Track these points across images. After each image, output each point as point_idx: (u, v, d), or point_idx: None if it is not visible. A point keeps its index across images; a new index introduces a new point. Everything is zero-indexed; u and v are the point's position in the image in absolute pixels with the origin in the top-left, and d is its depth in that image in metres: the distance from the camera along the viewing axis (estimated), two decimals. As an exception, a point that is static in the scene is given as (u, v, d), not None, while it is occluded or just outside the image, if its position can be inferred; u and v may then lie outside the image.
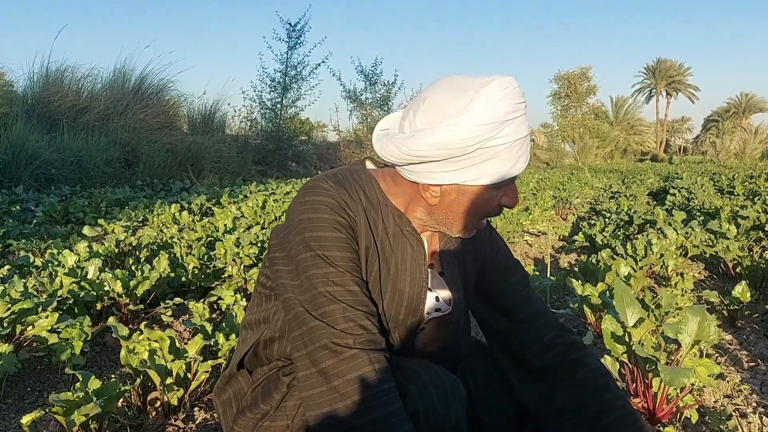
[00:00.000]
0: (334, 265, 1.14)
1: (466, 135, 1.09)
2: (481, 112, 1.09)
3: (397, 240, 1.25)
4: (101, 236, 5.04)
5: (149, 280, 2.80)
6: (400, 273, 1.25)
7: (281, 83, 16.51)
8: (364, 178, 1.26)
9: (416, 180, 1.20)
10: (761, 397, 2.19)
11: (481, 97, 1.09)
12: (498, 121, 1.09)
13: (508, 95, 1.11)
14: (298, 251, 1.16)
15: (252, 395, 1.31)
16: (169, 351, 1.92)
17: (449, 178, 1.15)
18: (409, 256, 1.26)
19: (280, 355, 1.30)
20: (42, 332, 2.24)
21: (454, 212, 1.21)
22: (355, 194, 1.21)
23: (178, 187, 9.55)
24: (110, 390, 1.71)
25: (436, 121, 1.12)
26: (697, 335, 1.76)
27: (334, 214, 1.16)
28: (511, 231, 5.99)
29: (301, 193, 1.21)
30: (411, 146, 1.13)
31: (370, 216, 1.22)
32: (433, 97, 1.14)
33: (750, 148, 27.01)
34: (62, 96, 10.76)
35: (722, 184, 10.85)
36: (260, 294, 1.34)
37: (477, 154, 1.12)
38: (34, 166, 8.69)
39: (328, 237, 1.15)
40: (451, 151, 1.11)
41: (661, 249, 3.84)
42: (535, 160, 33.39)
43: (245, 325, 1.38)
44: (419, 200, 1.24)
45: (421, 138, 1.12)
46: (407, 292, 1.26)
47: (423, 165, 1.16)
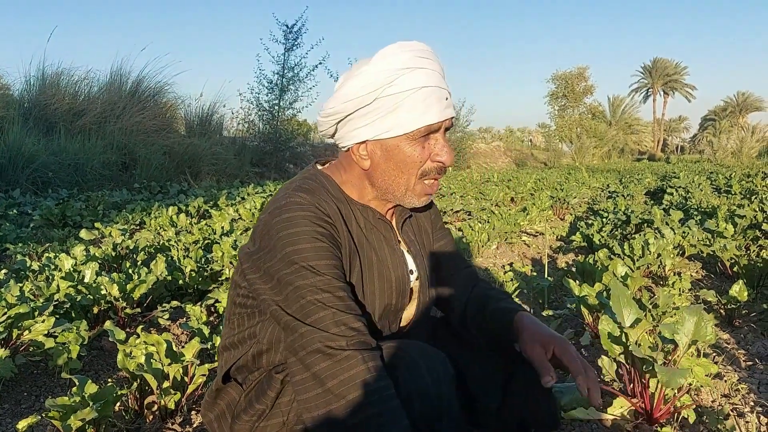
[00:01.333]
0: (320, 274, 1.15)
1: (364, 84, 1.19)
2: (378, 63, 1.20)
3: (370, 231, 1.31)
4: (98, 239, 5.04)
5: (146, 283, 2.80)
6: (383, 261, 1.30)
7: (278, 85, 16.49)
8: (324, 181, 1.31)
9: (346, 144, 1.28)
10: (759, 396, 2.19)
11: (379, 55, 1.21)
12: (392, 68, 1.19)
13: (405, 50, 1.21)
14: (279, 268, 1.17)
15: (246, 399, 1.31)
16: (165, 354, 1.92)
17: (366, 133, 1.23)
18: (384, 243, 1.33)
19: (269, 366, 1.31)
20: (38, 336, 2.23)
21: (389, 173, 1.27)
22: (326, 199, 1.25)
23: (175, 189, 9.54)
24: (107, 394, 1.71)
25: (344, 81, 1.25)
26: (694, 335, 1.76)
27: (313, 225, 1.18)
28: (509, 231, 5.99)
29: (275, 212, 1.21)
30: (326, 106, 1.25)
31: (344, 215, 1.27)
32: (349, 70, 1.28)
33: (747, 147, 27.04)
34: (59, 99, 10.74)
35: (719, 183, 10.86)
36: (239, 315, 1.35)
37: (379, 103, 1.20)
38: (31, 169, 8.67)
39: (310, 248, 1.16)
40: (354, 102, 1.20)
41: (658, 248, 3.84)
42: (532, 161, 33.42)
43: (226, 347, 1.38)
44: (362, 175, 1.31)
45: (334, 97, 1.24)
46: (394, 277, 1.31)
47: (342, 125, 1.26)
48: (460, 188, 11.44)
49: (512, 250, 5.63)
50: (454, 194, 9.91)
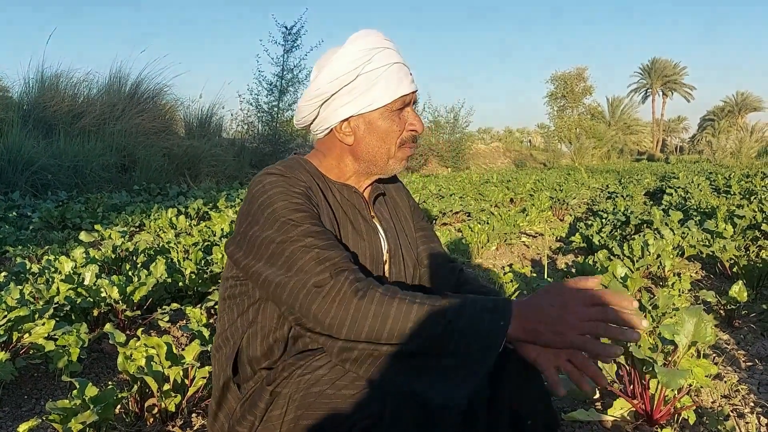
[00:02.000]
0: (300, 224, 1.22)
1: (346, 63, 1.31)
2: (352, 45, 1.32)
3: (346, 204, 1.40)
4: (98, 242, 5.03)
5: (146, 285, 2.80)
6: (359, 232, 1.38)
7: (278, 86, 16.51)
8: (301, 161, 1.41)
9: (329, 126, 1.37)
10: (759, 397, 2.19)
11: (350, 40, 1.34)
12: (367, 48, 1.32)
13: (371, 34, 1.35)
14: (262, 233, 1.23)
15: (241, 410, 1.31)
16: (166, 357, 1.92)
17: (350, 110, 1.34)
18: (359, 215, 1.41)
19: (263, 350, 1.31)
20: (39, 339, 2.23)
21: (372, 145, 1.38)
22: (302, 172, 1.35)
23: (175, 191, 9.54)
24: (107, 397, 1.71)
25: (320, 65, 1.36)
26: (693, 336, 1.76)
27: (288, 187, 1.28)
28: (509, 232, 5.99)
29: (252, 187, 1.30)
30: (310, 90, 1.35)
31: (321, 188, 1.37)
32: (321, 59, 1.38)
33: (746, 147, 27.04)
34: (58, 101, 10.74)
35: (719, 184, 10.86)
36: (229, 307, 1.37)
37: (361, 79, 1.32)
38: (31, 171, 8.67)
39: (286, 204, 1.24)
40: (340, 81, 1.31)
41: (657, 249, 3.84)
42: (532, 161, 33.43)
43: (219, 345, 1.39)
44: (344, 152, 1.40)
45: (316, 82, 1.34)
46: (368, 248, 1.38)
47: (326, 106, 1.35)
48: (460, 189, 11.44)
49: (512, 251, 5.63)
50: (454, 195, 9.91)
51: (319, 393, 1.17)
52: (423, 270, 1.57)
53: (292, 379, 1.23)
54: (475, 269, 4.69)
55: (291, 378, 1.24)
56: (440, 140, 25.84)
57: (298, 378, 1.22)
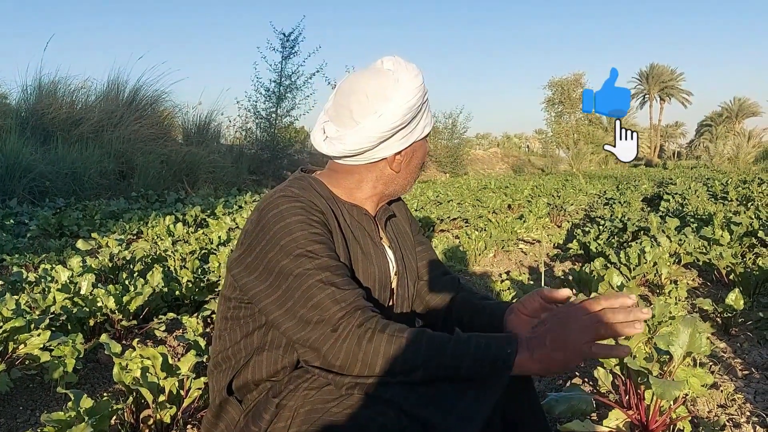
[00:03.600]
0: (318, 257, 1.21)
1: (406, 108, 1.31)
2: (410, 81, 1.32)
3: (356, 227, 1.39)
4: (95, 250, 5.02)
5: (142, 295, 2.79)
6: (367, 256, 1.37)
7: (276, 93, 16.53)
8: (312, 182, 1.38)
9: (380, 157, 1.37)
10: (755, 406, 2.19)
11: (401, 72, 1.33)
12: (421, 83, 1.35)
13: (410, 69, 1.35)
14: (278, 260, 1.21)
15: (244, 420, 1.31)
16: (161, 368, 1.92)
17: (406, 143, 1.37)
18: (368, 238, 1.40)
19: (269, 373, 1.31)
20: (34, 350, 2.23)
21: (410, 171, 1.45)
22: (315, 195, 1.33)
23: (173, 198, 9.53)
24: (102, 409, 1.70)
25: (374, 107, 1.30)
26: (688, 347, 1.76)
27: (306, 214, 1.26)
28: (506, 239, 6.00)
29: (266, 209, 1.28)
30: (365, 135, 1.31)
31: (333, 210, 1.35)
32: (359, 90, 1.32)
33: (743, 152, 27.11)
34: (56, 108, 10.73)
35: (716, 190, 10.88)
36: (231, 328, 1.37)
37: (416, 117, 1.36)
38: (28, 178, 8.66)
39: (305, 235, 1.23)
40: (410, 115, 1.32)
41: (654, 257, 3.84)
42: (530, 167, 33.46)
43: (218, 363, 1.39)
44: (371, 178, 1.41)
45: (370, 125, 1.30)
46: (376, 271, 1.38)
47: (381, 144, 1.34)
48: (458, 195, 11.45)
49: (509, 258, 5.63)
50: (452, 201, 9.92)
51: (324, 410, 1.17)
52: (422, 284, 1.59)
53: (298, 392, 1.24)
54: (472, 276, 4.69)
55: (297, 391, 1.24)
56: (438, 146, 25.88)
57: (304, 392, 1.23)
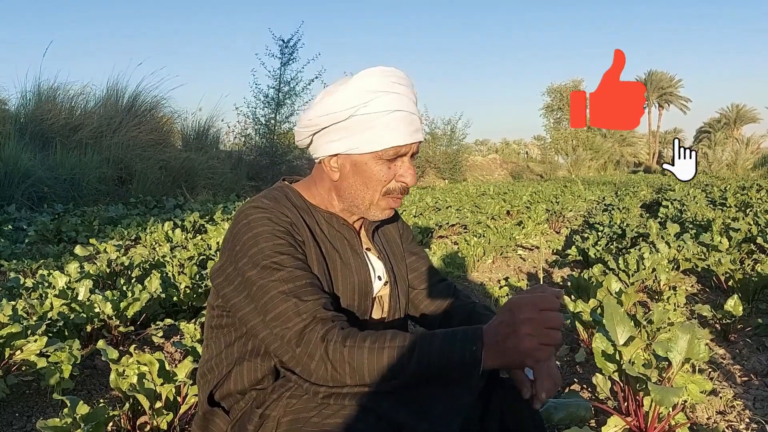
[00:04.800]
0: (282, 269, 1.21)
1: (341, 101, 1.27)
2: (355, 84, 1.28)
3: (333, 236, 1.38)
4: (93, 255, 5.02)
5: (140, 301, 2.78)
6: (345, 264, 1.36)
7: (275, 99, 16.55)
8: (288, 191, 1.39)
9: (318, 156, 1.36)
10: (754, 413, 2.18)
11: (359, 75, 1.29)
12: (368, 90, 1.27)
13: (381, 74, 1.29)
14: (246, 271, 1.23)
15: (231, 431, 1.31)
16: (158, 374, 1.91)
17: (338, 147, 1.31)
18: (348, 247, 1.38)
19: (251, 382, 1.32)
20: (31, 356, 2.22)
21: (356, 188, 1.35)
22: (288, 206, 1.33)
23: (171, 204, 9.53)
24: (99, 415, 1.69)
25: (324, 95, 1.32)
26: (687, 353, 1.76)
27: (273, 225, 1.26)
28: (505, 246, 5.99)
29: (237, 220, 1.29)
30: (304, 117, 1.34)
31: (306, 222, 1.34)
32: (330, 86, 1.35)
33: (742, 158, 27.15)
34: (55, 114, 10.74)
35: (714, 196, 10.88)
36: (216, 337, 1.38)
37: (354, 121, 1.28)
38: (27, 184, 8.66)
39: (270, 246, 1.23)
40: (331, 117, 1.28)
41: (653, 263, 3.84)
42: (529, 173, 33.49)
43: (204, 372, 1.39)
44: (330, 188, 1.39)
45: (312, 109, 1.32)
46: (356, 280, 1.36)
47: (318, 137, 1.34)
48: (456, 201, 11.45)
49: (508, 264, 5.63)
50: (450, 207, 9.92)
51: (305, 420, 1.18)
52: (416, 293, 1.58)
53: (281, 401, 1.24)
54: (470, 283, 4.69)
55: (280, 400, 1.25)
56: (437, 152, 25.89)
57: (286, 401, 1.24)
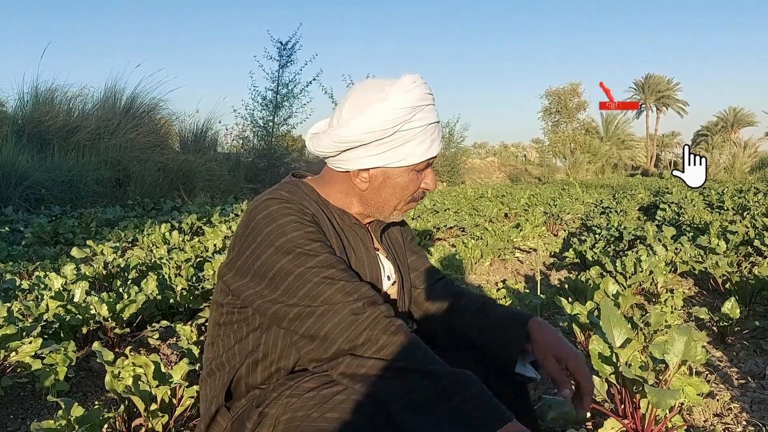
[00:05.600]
0: (318, 254, 1.21)
1: (387, 118, 1.26)
2: (397, 98, 1.26)
3: (347, 234, 1.38)
4: (90, 257, 5.00)
5: (136, 303, 2.77)
6: (358, 263, 1.36)
7: (273, 101, 16.54)
8: (303, 188, 1.37)
9: (347, 168, 1.34)
10: (751, 416, 2.18)
11: (395, 88, 1.27)
12: (411, 106, 1.27)
13: (416, 86, 1.29)
14: (274, 261, 1.21)
15: (231, 429, 1.30)
16: (153, 376, 1.90)
17: (375, 161, 1.31)
18: (361, 245, 1.39)
19: (263, 378, 1.31)
20: (26, 358, 2.21)
21: (383, 196, 1.36)
22: (307, 198, 1.33)
23: (169, 206, 9.51)
24: (93, 417, 1.68)
25: (360, 110, 1.28)
26: (684, 355, 1.75)
27: (299, 215, 1.25)
28: (502, 248, 5.99)
29: (255, 212, 1.27)
30: (342, 133, 1.28)
31: (323, 217, 1.33)
32: (355, 95, 1.32)
33: (739, 162, 27.18)
34: (53, 116, 10.72)
35: (712, 199, 10.90)
36: (224, 335, 1.36)
37: (397, 136, 1.28)
38: (24, 186, 8.64)
39: (301, 234, 1.22)
40: (376, 134, 1.27)
41: (650, 265, 3.84)
42: (527, 176, 33.52)
43: (212, 371, 1.38)
44: (353, 192, 1.38)
45: (350, 125, 1.27)
46: (369, 278, 1.36)
47: (352, 152, 1.30)
48: (454, 204, 11.45)
49: (505, 267, 5.63)
50: (448, 210, 9.92)
51: (304, 417, 1.17)
52: (418, 292, 1.59)
53: (281, 400, 1.23)
54: (468, 285, 4.68)
55: (279, 399, 1.24)
56: (435, 155, 25.89)
57: (285, 399, 1.23)
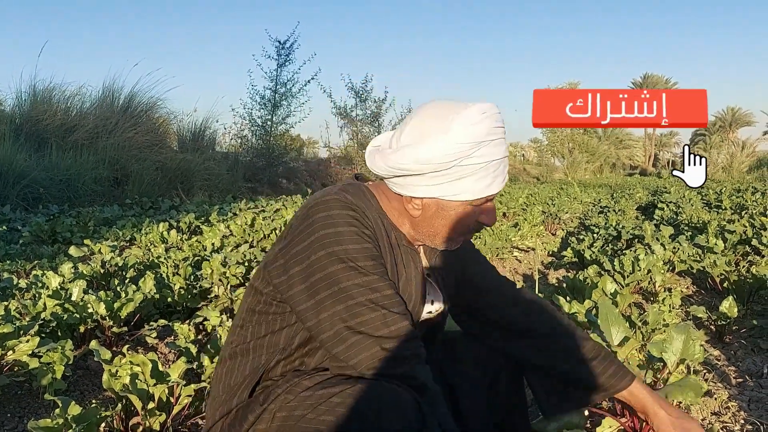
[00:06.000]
0: (368, 274, 1.18)
1: (444, 152, 1.19)
2: (460, 132, 1.19)
3: (400, 251, 1.33)
4: (88, 256, 5.00)
5: (133, 301, 2.77)
6: (407, 283, 1.32)
7: (271, 100, 16.52)
8: (366, 193, 1.33)
9: (400, 192, 1.28)
10: (749, 414, 2.18)
11: (460, 119, 1.19)
12: (474, 141, 1.19)
13: (485, 119, 1.21)
14: (324, 266, 1.18)
15: (235, 416, 1.30)
16: (151, 375, 1.90)
17: (429, 192, 1.24)
18: (411, 266, 1.34)
19: (282, 373, 1.31)
20: (23, 357, 2.20)
21: (435, 226, 1.29)
22: (369, 207, 1.28)
23: (167, 205, 9.50)
24: (90, 416, 1.68)
25: (419, 138, 1.21)
26: (682, 354, 1.75)
27: (359, 226, 1.22)
28: (500, 247, 5.99)
29: (316, 208, 1.23)
30: (396, 160, 1.22)
31: (381, 229, 1.29)
32: (419, 118, 1.25)
33: (737, 161, 27.24)
34: (51, 115, 10.71)
35: (710, 198, 10.92)
36: (257, 322, 1.33)
37: (455, 170, 1.21)
38: (22, 185, 8.63)
39: (357, 248, 1.19)
40: (431, 166, 1.20)
41: (648, 264, 3.84)
42: (525, 175, 33.54)
43: (235, 353, 1.36)
44: (405, 214, 1.32)
45: (405, 153, 1.21)
46: (412, 301, 1.33)
47: (407, 178, 1.24)
48: (453, 203, 11.41)
49: (503, 266, 5.62)
50: (447, 209, 9.89)
51: (300, 417, 1.18)
52: (486, 299, 1.55)
53: (281, 396, 1.24)
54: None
55: (280, 395, 1.24)
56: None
57: (284, 396, 1.23)
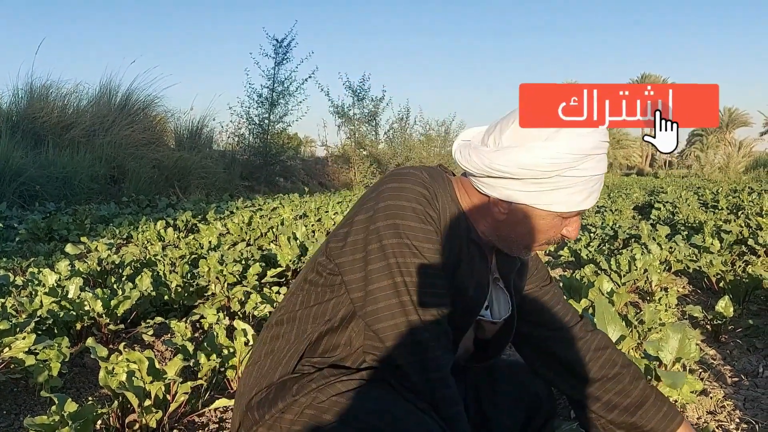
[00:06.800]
0: (419, 257, 1.18)
1: (550, 160, 1.15)
2: (568, 141, 1.15)
3: (467, 243, 1.29)
4: (84, 254, 4.99)
5: (130, 299, 2.77)
6: (467, 274, 1.29)
7: (268, 99, 16.51)
8: (444, 179, 1.30)
9: (489, 193, 1.24)
10: (744, 413, 2.19)
11: (563, 140, 1.15)
12: (582, 153, 1.16)
13: (593, 132, 1.17)
14: (383, 235, 1.18)
15: (267, 394, 1.29)
16: (147, 372, 1.90)
17: (522, 198, 1.20)
18: (476, 262, 1.31)
19: (323, 351, 1.29)
20: (19, 354, 2.20)
21: (518, 232, 1.26)
22: (446, 195, 1.27)
23: (164, 203, 9.49)
24: (87, 413, 1.68)
25: (523, 141, 1.17)
26: (678, 352, 1.76)
27: (426, 206, 1.20)
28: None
29: (394, 178, 1.23)
30: (494, 160, 1.18)
31: (453, 214, 1.27)
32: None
33: (734, 162, 27.26)
34: (47, 112, 10.69)
35: (706, 198, 10.94)
36: (308, 291, 1.33)
37: (555, 180, 1.17)
38: (18, 182, 8.61)
39: (418, 228, 1.18)
40: (532, 173, 1.16)
41: (645, 264, 3.85)
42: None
43: (281, 321, 1.34)
44: (486, 214, 1.28)
45: (506, 154, 1.17)
46: (471, 295, 1.31)
47: (501, 180, 1.20)
48: (450, 202, 11.42)
49: (501, 265, 5.62)
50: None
51: (327, 426, 1.18)
52: (550, 331, 1.50)
53: (312, 392, 1.23)
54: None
55: (312, 390, 1.23)
56: (431, 154, 25.91)
57: (316, 393, 1.23)
